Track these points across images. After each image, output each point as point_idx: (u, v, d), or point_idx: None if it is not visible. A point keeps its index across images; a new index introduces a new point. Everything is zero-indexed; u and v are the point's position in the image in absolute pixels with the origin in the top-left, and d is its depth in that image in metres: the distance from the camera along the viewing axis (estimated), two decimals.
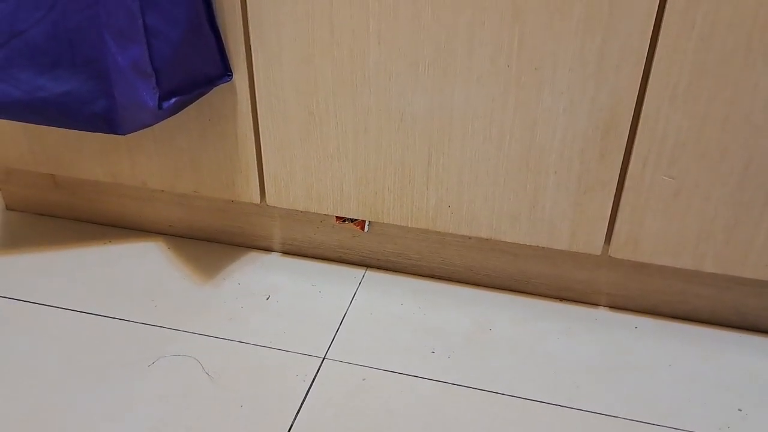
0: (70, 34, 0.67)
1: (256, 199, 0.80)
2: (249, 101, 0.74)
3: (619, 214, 0.70)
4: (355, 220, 0.83)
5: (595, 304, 0.81)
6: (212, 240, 0.91)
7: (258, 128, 0.76)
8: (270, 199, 0.80)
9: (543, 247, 0.79)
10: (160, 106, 0.65)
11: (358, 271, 0.86)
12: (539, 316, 0.79)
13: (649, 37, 0.61)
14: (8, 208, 0.97)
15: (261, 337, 0.75)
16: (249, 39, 0.70)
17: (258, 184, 0.79)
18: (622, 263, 0.78)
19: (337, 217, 0.84)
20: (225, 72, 0.71)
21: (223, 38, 0.70)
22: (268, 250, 0.89)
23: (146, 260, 0.87)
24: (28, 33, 0.67)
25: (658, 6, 0.60)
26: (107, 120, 0.70)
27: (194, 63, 0.67)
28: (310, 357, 0.72)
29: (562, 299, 0.82)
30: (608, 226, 0.72)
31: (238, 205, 0.87)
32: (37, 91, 0.69)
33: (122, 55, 0.64)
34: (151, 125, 0.71)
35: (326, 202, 0.78)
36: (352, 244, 0.86)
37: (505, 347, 0.75)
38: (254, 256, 0.88)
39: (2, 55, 0.67)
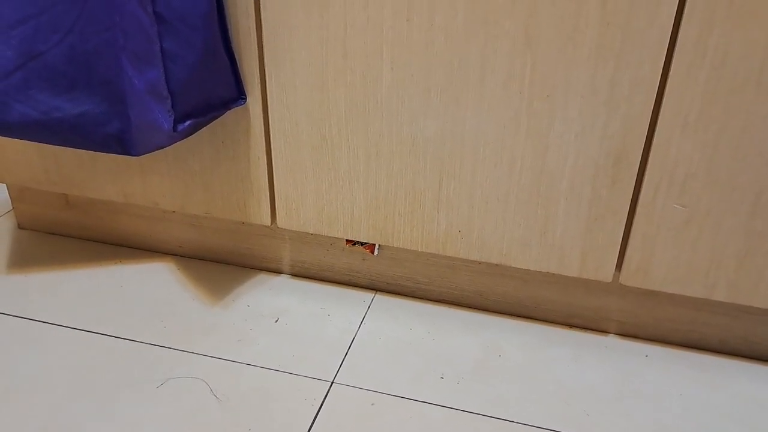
0: (88, 57, 0.68)
1: (267, 221, 0.81)
2: (262, 124, 0.75)
3: (630, 242, 0.70)
4: (366, 243, 0.83)
5: (605, 332, 0.81)
6: (222, 261, 0.91)
7: (270, 151, 0.76)
8: (281, 222, 0.80)
9: (553, 274, 0.79)
10: (174, 129, 0.65)
11: (368, 295, 0.86)
12: (549, 342, 0.79)
13: (661, 66, 0.61)
14: (20, 226, 0.97)
15: (270, 360, 0.75)
16: (263, 63, 0.71)
17: (269, 206, 0.80)
18: (633, 291, 0.78)
19: (347, 240, 0.84)
20: (239, 95, 0.72)
21: (237, 62, 0.71)
22: (277, 272, 0.90)
23: (156, 281, 0.87)
24: (46, 55, 0.68)
25: (671, 36, 0.60)
26: (122, 141, 0.71)
27: (209, 86, 0.68)
28: (318, 381, 0.72)
29: (571, 326, 0.82)
30: (619, 254, 0.72)
31: (248, 226, 0.88)
32: (53, 112, 0.70)
33: (139, 78, 0.65)
34: (165, 147, 0.72)
35: (337, 226, 0.79)
36: (362, 268, 0.86)
37: (514, 373, 0.74)
38: (264, 278, 0.88)
39: (21, 77, 0.68)
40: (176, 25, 0.62)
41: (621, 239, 0.70)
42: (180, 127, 0.66)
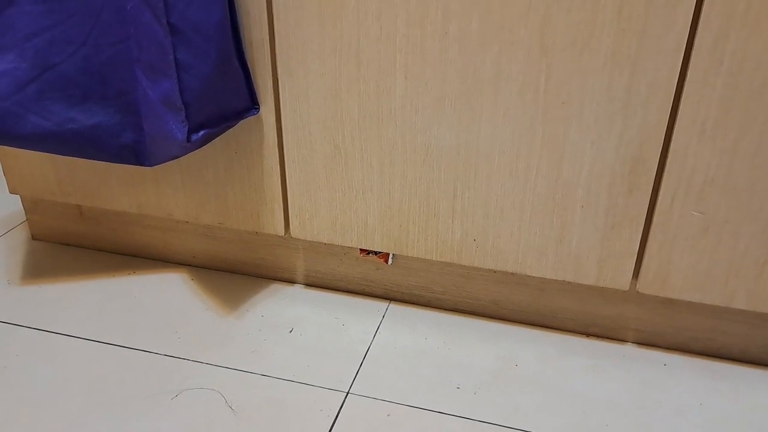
0: (102, 68, 0.68)
1: (281, 231, 0.81)
2: (275, 134, 0.74)
3: (647, 250, 0.69)
4: (379, 252, 0.83)
5: (623, 340, 0.80)
6: (236, 271, 0.91)
7: (284, 161, 0.76)
8: (294, 232, 0.80)
9: (570, 282, 0.78)
10: (188, 139, 0.65)
11: (382, 304, 0.85)
12: (566, 351, 0.78)
13: (678, 72, 0.61)
14: (34, 237, 0.98)
15: (284, 371, 0.74)
16: (277, 73, 0.71)
17: (283, 216, 0.80)
18: (651, 299, 0.77)
19: (361, 249, 0.84)
20: (252, 105, 0.72)
21: (251, 72, 0.71)
22: (291, 281, 0.89)
23: (170, 291, 0.87)
24: (60, 66, 0.68)
25: (687, 42, 0.60)
26: (136, 152, 0.71)
27: (223, 96, 0.68)
28: (333, 391, 0.72)
29: (588, 335, 0.81)
30: (636, 262, 0.71)
31: (262, 236, 0.87)
32: (67, 123, 0.70)
33: (153, 89, 0.65)
34: (179, 157, 0.72)
35: (350, 235, 0.78)
36: (376, 277, 0.86)
37: (531, 384, 0.74)
38: (277, 287, 0.88)
39: (35, 89, 0.68)
40: (190, 35, 0.62)
41: (638, 247, 0.70)
42: (194, 137, 0.66)
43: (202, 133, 0.67)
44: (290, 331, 0.80)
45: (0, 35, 0.67)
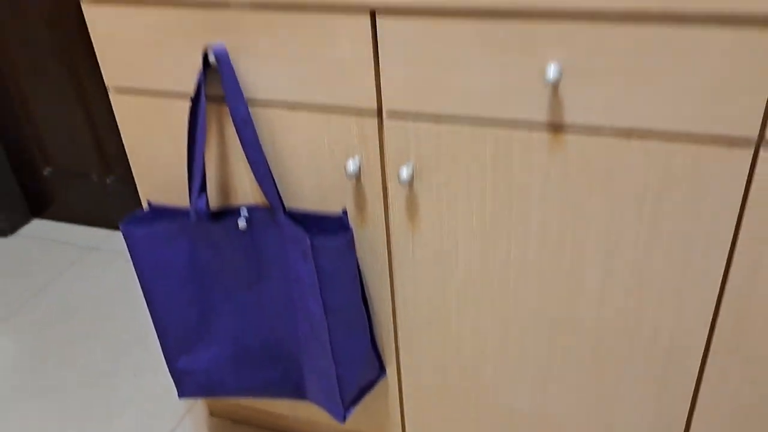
0: (278, 344, 0.97)
1: None
2: (396, 382, 1.02)
3: None
4: None
5: None
6: None
7: (402, 399, 1.03)
8: None
9: None
10: (344, 419, 0.93)
11: None
12: None
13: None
14: (212, 414, 1.29)
15: None
16: (398, 350, 0.98)
17: None
18: None
19: None
20: (381, 373, 0.99)
21: (381, 352, 0.99)
22: None
23: None
24: (247, 347, 0.97)
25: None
26: (300, 392, 1.00)
27: (364, 378, 0.96)
28: None
29: None
30: None
31: None
32: (251, 381, 1.00)
33: (319, 384, 0.93)
34: None
35: None
36: None
37: None
38: None
39: (232, 364, 0.98)
40: (348, 361, 0.90)
41: None
42: (347, 414, 0.94)
43: (351, 410, 0.95)
44: None
45: (208, 333, 0.97)
